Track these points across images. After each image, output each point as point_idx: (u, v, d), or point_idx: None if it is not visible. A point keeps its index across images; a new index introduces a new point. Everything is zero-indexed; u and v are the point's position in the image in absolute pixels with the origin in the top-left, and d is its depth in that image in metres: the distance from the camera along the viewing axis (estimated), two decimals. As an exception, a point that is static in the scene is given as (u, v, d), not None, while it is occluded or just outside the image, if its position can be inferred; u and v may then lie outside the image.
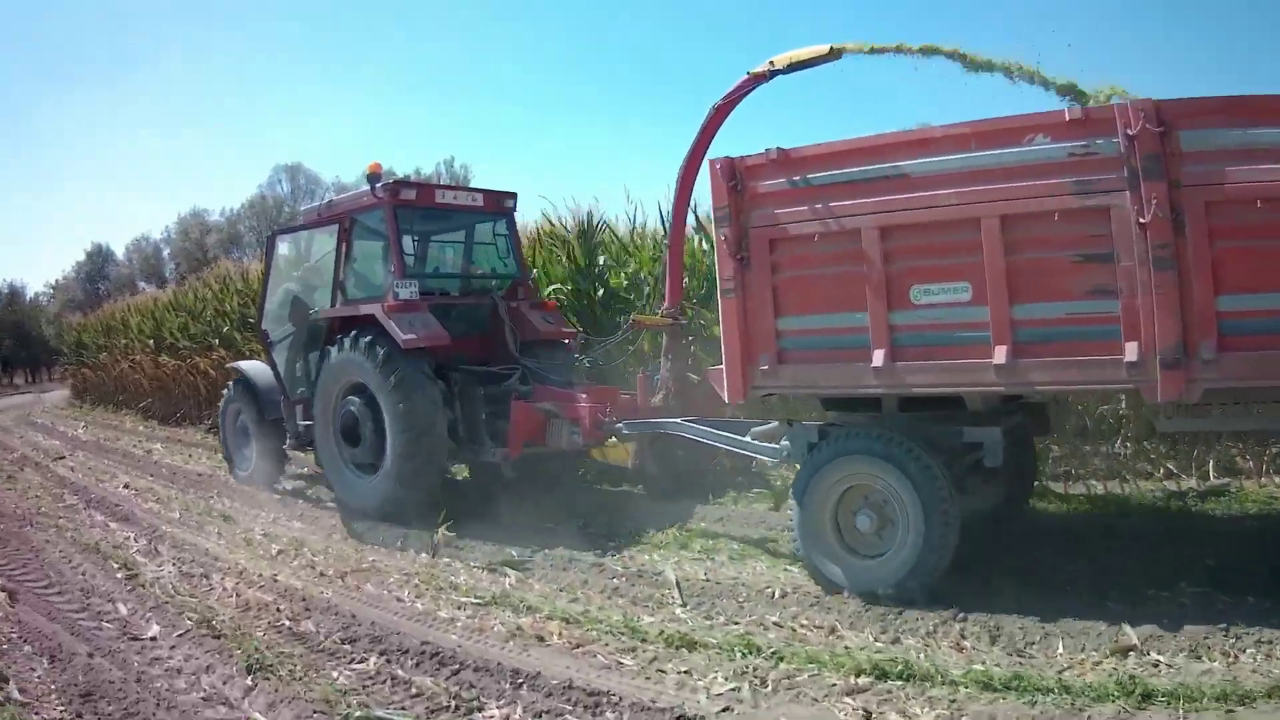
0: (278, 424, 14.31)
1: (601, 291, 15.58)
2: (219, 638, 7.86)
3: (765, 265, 8.27)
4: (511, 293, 13.37)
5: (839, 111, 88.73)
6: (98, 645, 7.87)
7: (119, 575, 10.13)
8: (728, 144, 11.90)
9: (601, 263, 15.99)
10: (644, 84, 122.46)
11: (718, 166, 8.41)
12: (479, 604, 8.50)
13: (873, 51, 9.25)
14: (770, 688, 6.27)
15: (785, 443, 8.80)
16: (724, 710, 5.99)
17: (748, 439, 9.44)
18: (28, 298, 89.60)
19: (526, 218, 17.38)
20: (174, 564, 10.53)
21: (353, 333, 12.00)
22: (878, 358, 7.65)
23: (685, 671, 6.61)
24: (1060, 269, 6.88)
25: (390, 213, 12.26)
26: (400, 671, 6.96)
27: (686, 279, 12.98)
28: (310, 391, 13.06)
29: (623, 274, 15.74)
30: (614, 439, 11.40)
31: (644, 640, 7.28)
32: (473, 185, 22.04)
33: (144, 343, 29.97)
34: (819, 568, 8.13)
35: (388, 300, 11.77)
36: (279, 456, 14.94)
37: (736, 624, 7.58)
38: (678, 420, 10.49)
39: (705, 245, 14.18)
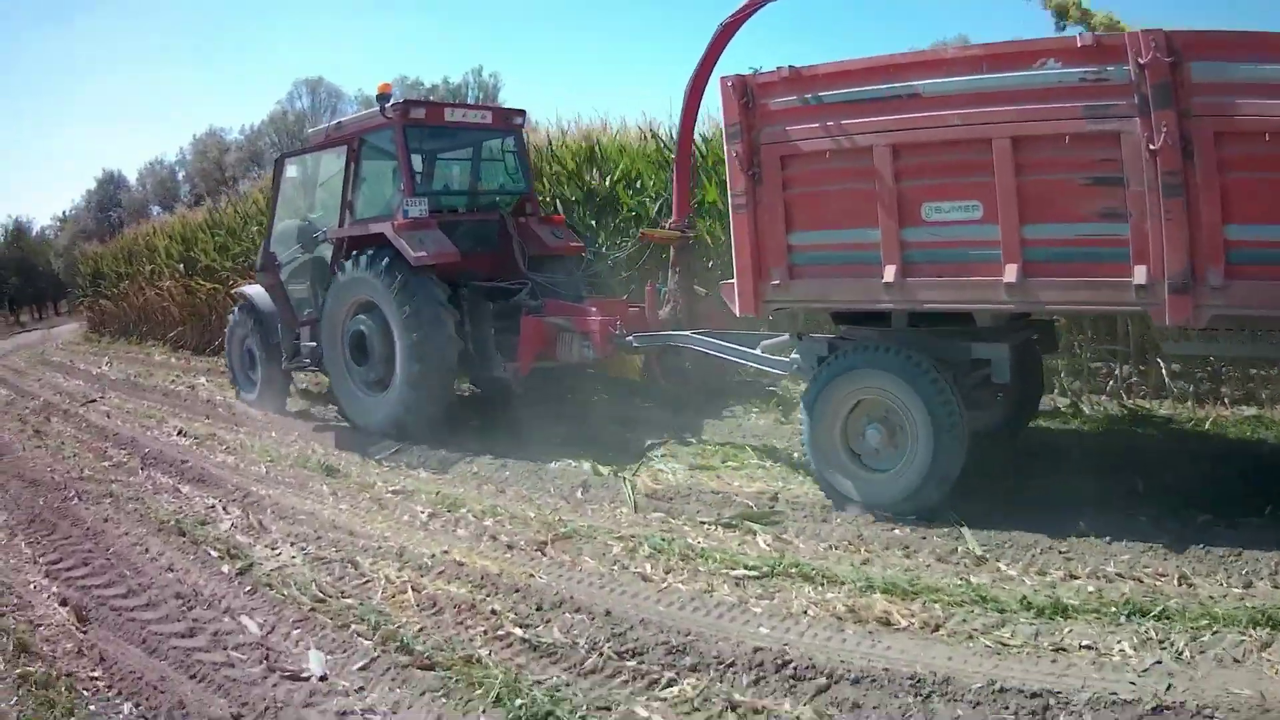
0: (285, 345, 14.51)
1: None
2: (430, 668, 5.85)
3: (777, 181, 8.33)
4: (519, 208, 13.48)
5: (853, 33, 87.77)
6: (238, 695, 5.71)
7: (225, 569, 7.86)
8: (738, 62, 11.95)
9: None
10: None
11: (730, 84, 8.43)
12: (754, 576, 6.88)
13: None
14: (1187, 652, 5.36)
15: (795, 356, 8.96)
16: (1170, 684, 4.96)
17: (757, 352, 9.62)
18: (34, 233, 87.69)
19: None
20: (294, 545, 8.33)
21: (363, 252, 12.13)
22: (889, 273, 7.77)
23: (1088, 646, 5.47)
24: (1071, 191, 6.99)
25: (400, 132, 12.30)
26: (740, 696, 5.28)
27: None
28: (318, 312, 13.19)
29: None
30: (621, 352, 11.56)
31: (1002, 611, 6.02)
32: (502, 95, 22.28)
33: (173, 267, 28.19)
34: (829, 480, 8.33)
35: (397, 219, 11.87)
36: (285, 379, 15.18)
37: (1041, 575, 6.69)
38: (688, 333, 10.63)
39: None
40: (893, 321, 8.31)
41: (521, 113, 13.74)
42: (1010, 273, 7.23)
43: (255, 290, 15.31)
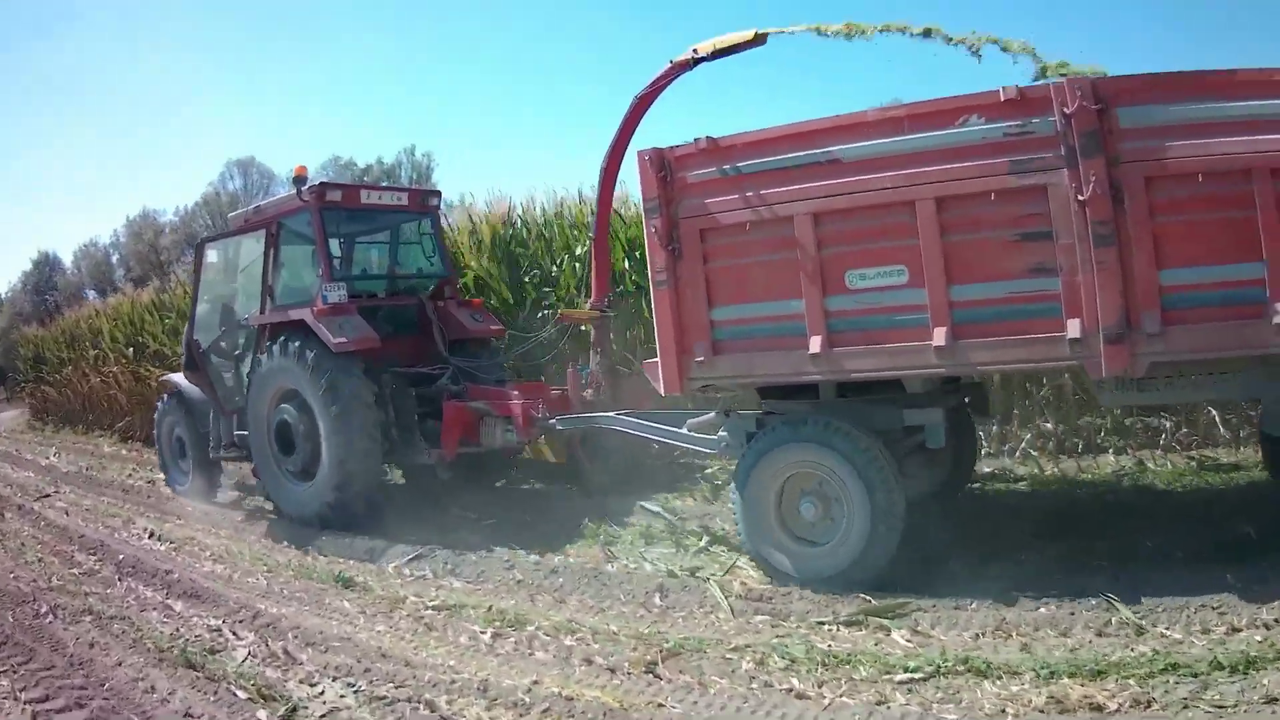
0: (212, 435, 14.22)
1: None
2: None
3: (697, 255, 8.26)
4: (438, 292, 13.30)
5: (775, 95, 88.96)
6: None
7: (262, 715, 6.37)
8: (659, 133, 11.98)
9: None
10: (600, 73, 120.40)
11: (647, 158, 8.38)
12: (921, 678, 6.10)
13: (795, 33, 9.37)
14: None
15: (723, 434, 8.82)
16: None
17: (684, 431, 9.44)
18: None
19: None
20: (339, 680, 6.82)
21: (283, 338, 11.93)
22: (815, 344, 7.68)
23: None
24: (999, 249, 6.95)
25: (317, 215, 12.17)
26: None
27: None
28: (244, 401, 12.97)
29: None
30: (544, 436, 11.40)
31: (1196, 675, 5.71)
32: (436, 175, 22.35)
33: (119, 352, 26.85)
34: (765, 558, 8.15)
35: (317, 304, 11.70)
36: (215, 468, 14.86)
37: (1206, 633, 6.45)
38: (612, 414, 10.48)
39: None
40: (821, 393, 8.19)
41: (437, 194, 13.65)
42: (939, 336, 7.15)
43: (182, 377, 15.01)
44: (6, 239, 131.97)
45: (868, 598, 7.38)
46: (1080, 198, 6.49)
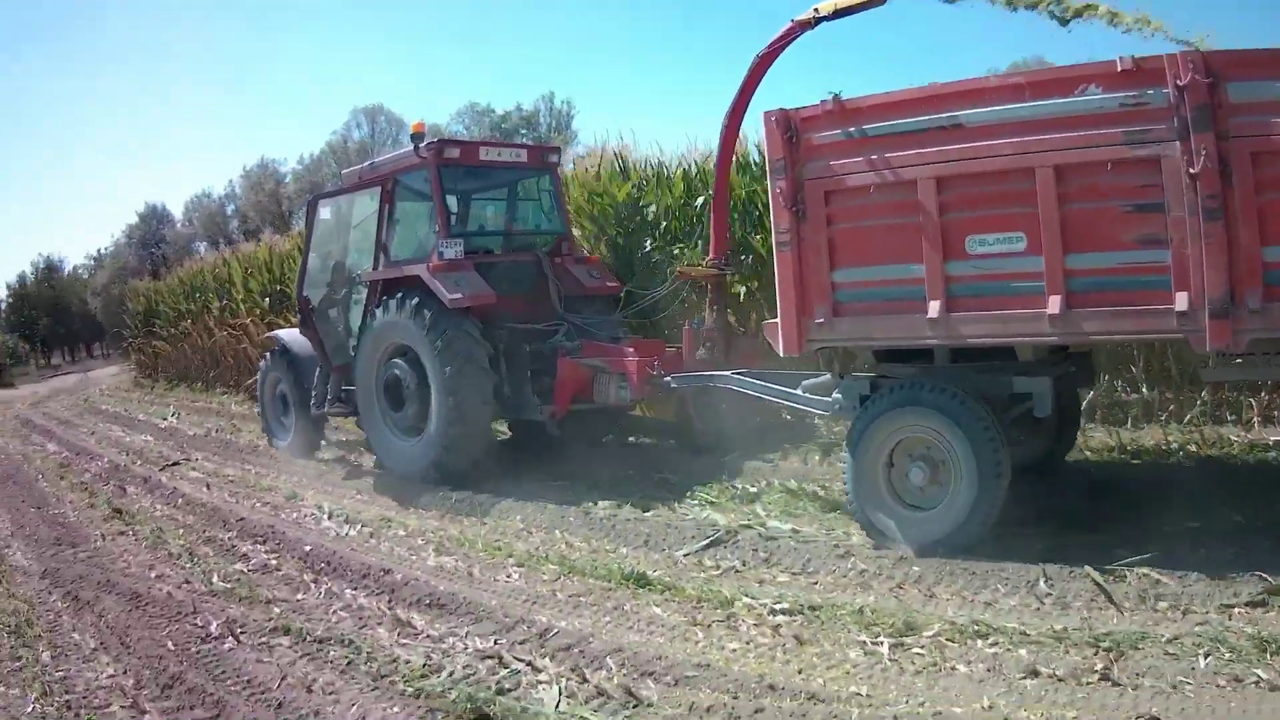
0: (318, 391, 14.88)
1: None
2: None
3: (821, 217, 8.63)
4: (556, 248, 13.86)
5: (888, 60, 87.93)
6: None
7: None
8: (776, 94, 12.30)
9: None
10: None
11: (773, 119, 8.73)
12: None
13: None
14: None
15: (837, 395, 9.21)
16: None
17: (798, 392, 9.84)
18: (66, 271, 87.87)
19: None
20: None
21: (397, 294, 12.49)
22: (933, 309, 8.05)
23: None
24: (1113, 219, 7.27)
25: (434, 172, 12.76)
26: None
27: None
28: (353, 356, 13.59)
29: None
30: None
31: None
32: (576, 123, 22.77)
33: (254, 303, 26.47)
34: (871, 520, 8.57)
35: (432, 260, 12.27)
36: (319, 424, 15.59)
37: None
38: (727, 373, 10.83)
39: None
40: (935, 358, 8.58)
41: (557, 150, 14.46)
42: (1054, 304, 7.50)
43: (289, 334, 15.88)
44: (111, 193, 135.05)
45: (1265, 576, 6.84)
46: (1191, 171, 6.80)
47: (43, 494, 15.24)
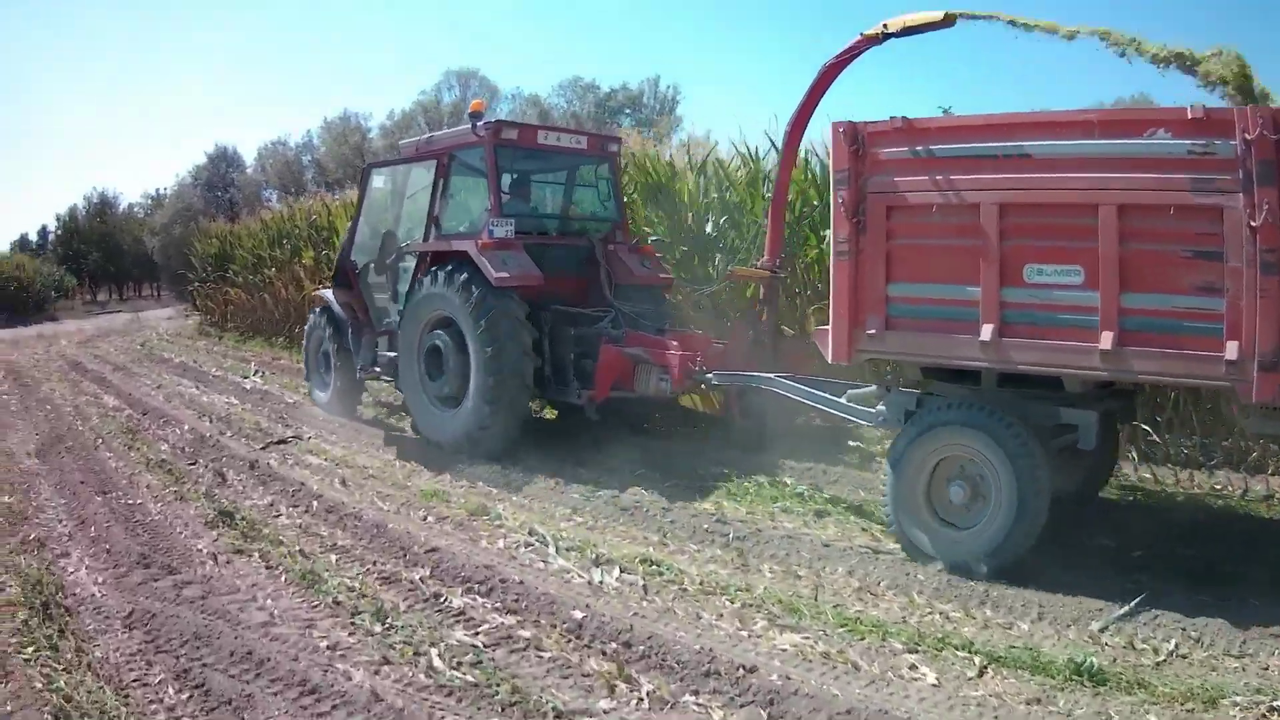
0: (361, 352, 15.32)
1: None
2: None
3: (881, 230, 8.94)
4: (609, 236, 14.23)
5: (954, 82, 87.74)
6: None
7: None
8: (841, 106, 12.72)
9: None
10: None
11: (840, 130, 9.04)
12: None
13: (991, 19, 9.94)
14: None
15: (881, 408, 9.53)
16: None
17: (843, 400, 10.16)
18: (121, 208, 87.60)
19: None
20: None
21: (446, 267, 12.87)
22: (986, 332, 8.33)
23: None
24: (1171, 262, 7.52)
25: (490, 151, 13.13)
26: None
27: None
28: (396, 322, 13.98)
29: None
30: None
31: None
32: (680, 109, 22.81)
33: None
34: (908, 536, 8.90)
35: (482, 237, 12.64)
36: (358, 385, 16.14)
37: None
38: (771, 375, 11.12)
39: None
40: (983, 381, 8.89)
41: (617, 140, 14.97)
42: (1106, 340, 7.76)
43: (332, 294, 16.18)
44: (174, 132, 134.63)
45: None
46: (1252, 223, 7.04)
47: (109, 472, 12.40)
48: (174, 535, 9.65)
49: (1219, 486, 11.28)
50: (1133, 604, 7.51)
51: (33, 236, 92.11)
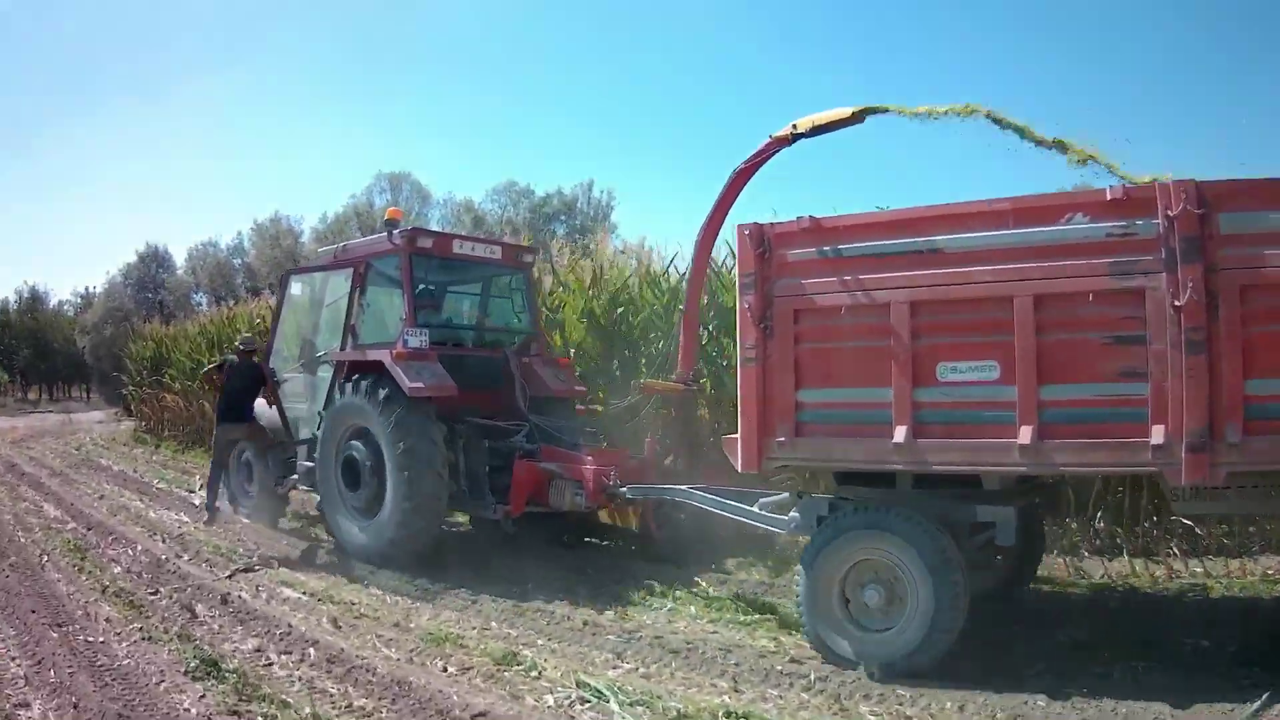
0: (281, 463, 14.79)
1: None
2: None
3: (789, 335, 8.47)
4: (524, 348, 13.84)
5: (863, 180, 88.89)
6: None
7: None
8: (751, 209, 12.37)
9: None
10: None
11: (746, 232, 8.66)
12: None
13: (901, 114, 9.65)
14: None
15: (795, 515, 8.98)
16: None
17: (755, 509, 9.65)
18: (51, 305, 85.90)
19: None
20: None
21: (362, 378, 12.44)
22: (899, 434, 7.85)
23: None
24: (1091, 350, 7.12)
25: (406, 260, 12.79)
26: None
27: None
28: (314, 433, 13.48)
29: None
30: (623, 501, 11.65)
31: None
32: (615, 215, 22.69)
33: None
34: (824, 640, 8.30)
35: (397, 347, 12.15)
36: (282, 496, 15.43)
37: None
38: (684, 487, 10.68)
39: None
40: (898, 482, 8.36)
41: (533, 250, 14.61)
42: (1025, 434, 7.29)
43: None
44: (106, 232, 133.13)
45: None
46: (1176, 303, 6.67)
47: (61, 599, 10.66)
48: (151, 688, 7.75)
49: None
50: None
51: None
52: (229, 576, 11.74)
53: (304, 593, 11.06)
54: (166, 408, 30.44)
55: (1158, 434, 6.84)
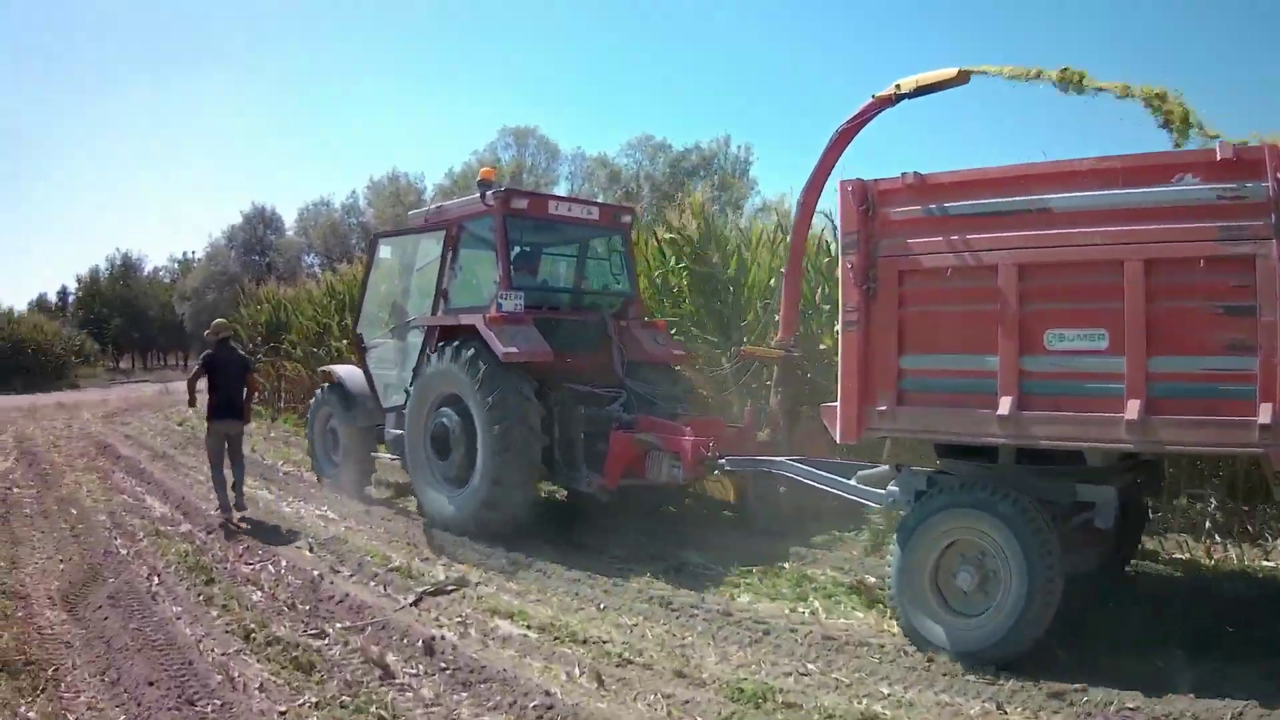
0: (368, 430, 15.02)
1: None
2: None
3: (893, 298, 8.34)
4: (622, 311, 13.83)
5: (971, 141, 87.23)
6: None
7: None
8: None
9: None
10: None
11: (849, 189, 8.50)
12: None
13: (1007, 77, 9.43)
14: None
15: (893, 488, 8.89)
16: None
17: (853, 482, 9.57)
18: (144, 271, 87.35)
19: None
20: None
21: (453, 343, 12.47)
22: (1004, 405, 7.68)
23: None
24: (1201, 320, 6.90)
25: (500, 221, 12.79)
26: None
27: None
28: (403, 400, 13.52)
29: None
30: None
31: None
32: (753, 171, 22.53)
33: None
34: (912, 621, 8.20)
35: (491, 311, 12.23)
36: (368, 464, 15.53)
37: None
38: (782, 459, 10.63)
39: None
40: (1000, 457, 8.19)
41: (630, 210, 14.52)
42: (1132, 409, 7.10)
43: (346, 370, 15.87)
44: (201, 196, 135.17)
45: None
46: None
47: (185, 653, 8.07)
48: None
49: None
50: None
51: (51, 297, 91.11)
52: (415, 603, 9.52)
53: (526, 626, 8.83)
54: (285, 377, 28.90)
55: (1265, 413, 6.58)
